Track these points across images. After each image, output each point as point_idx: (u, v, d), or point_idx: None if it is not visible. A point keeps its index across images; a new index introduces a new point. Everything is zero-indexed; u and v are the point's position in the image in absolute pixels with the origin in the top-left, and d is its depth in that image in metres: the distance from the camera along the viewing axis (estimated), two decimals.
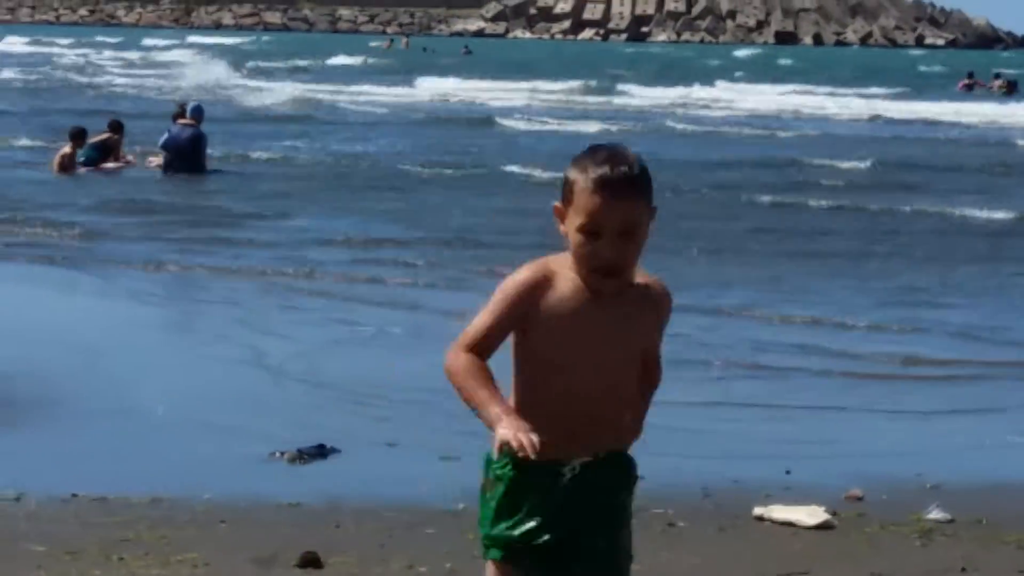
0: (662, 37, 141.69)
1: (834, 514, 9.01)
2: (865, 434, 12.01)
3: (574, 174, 4.19)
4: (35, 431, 11.19)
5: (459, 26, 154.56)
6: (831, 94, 69.29)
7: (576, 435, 4.24)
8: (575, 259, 4.22)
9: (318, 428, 10.69)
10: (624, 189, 4.15)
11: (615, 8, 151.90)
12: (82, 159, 28.22)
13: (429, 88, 68.88)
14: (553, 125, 48.50)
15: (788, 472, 9.98)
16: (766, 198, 28.17)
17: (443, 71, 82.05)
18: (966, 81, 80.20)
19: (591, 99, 68.55)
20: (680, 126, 49.47)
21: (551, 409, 4.26)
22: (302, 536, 8.36)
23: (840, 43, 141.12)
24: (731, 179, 32.45)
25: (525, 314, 4.24)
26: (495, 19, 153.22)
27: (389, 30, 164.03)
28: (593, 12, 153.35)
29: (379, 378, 13.29)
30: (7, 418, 11.30)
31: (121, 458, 10.56)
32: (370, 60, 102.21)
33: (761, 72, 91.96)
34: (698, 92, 71.37)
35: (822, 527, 8.78)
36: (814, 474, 10.09)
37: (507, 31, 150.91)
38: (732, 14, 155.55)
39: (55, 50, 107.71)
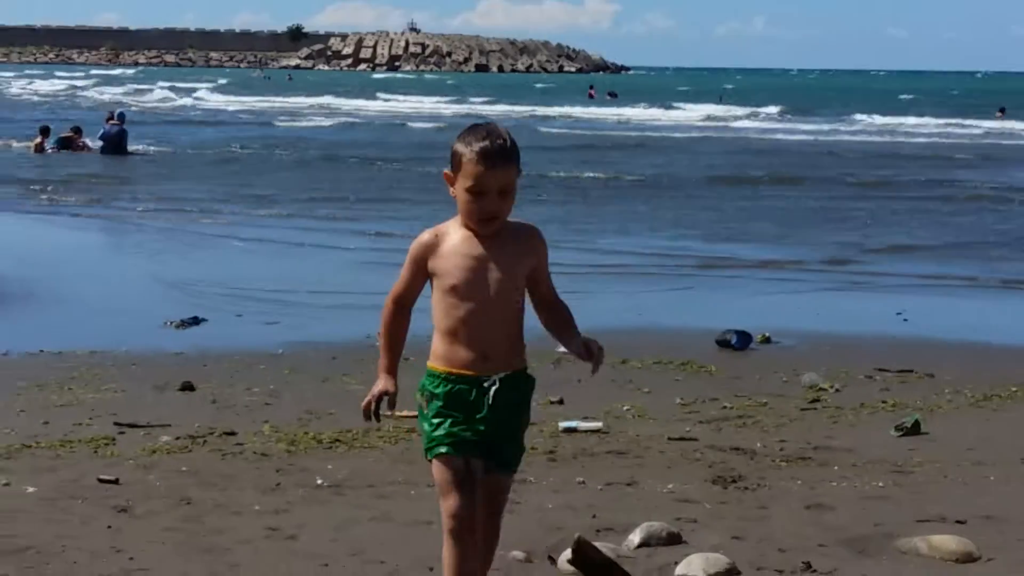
0: (408, 67, 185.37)
1: None
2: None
3: (460, 148, 4.81)
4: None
5: (284, 62, 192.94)
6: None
7: (488, 356, 4.82)
8: (463, 213, 4.84)
9: (194, 308, 13.46)
10: (501, 158, 4.77)
11: (379, 50, 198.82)
12: (53, 145, 35.52)
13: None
14: None
15: None
16: None
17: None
18: (591, 92, 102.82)
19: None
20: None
21: (465, 333, 4.83)
22: (183, 372, 10.70)
23: (515, 71, 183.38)
24: None
25: (427, 264, 4.88)
26: (306, 58, 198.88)
27: (242, 65, 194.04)
28: (364, 52, 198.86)
29: (234, 278, 16.19)
30: None
31: (71, 326, 12.91)
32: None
33: (458, 91, 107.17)
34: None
35: None
36: None
37: (313, 65, 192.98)
38: (449, 53, 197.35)
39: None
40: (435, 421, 4.83)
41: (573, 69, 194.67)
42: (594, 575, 6.28)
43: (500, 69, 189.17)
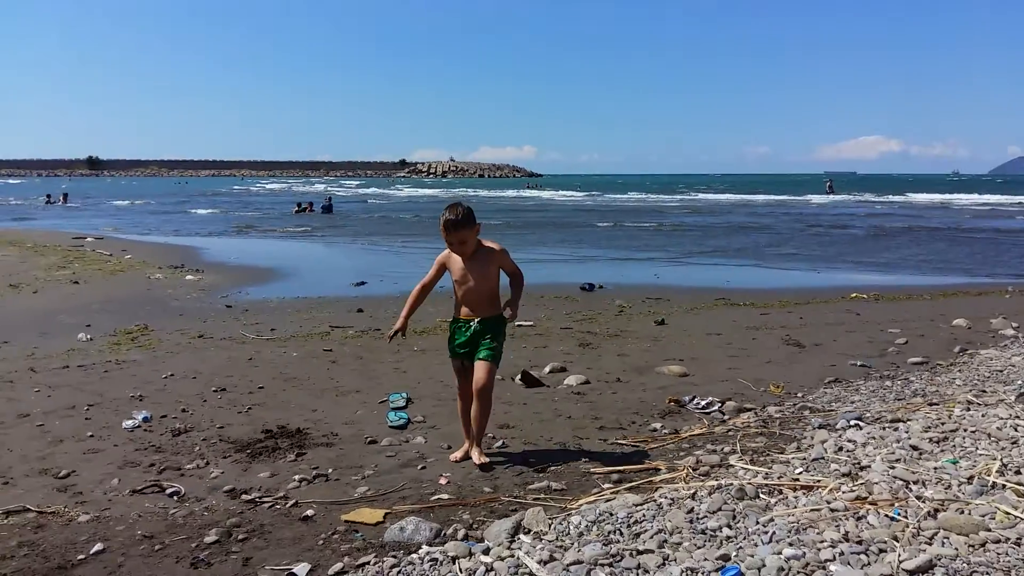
0: (451, 176, 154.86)
1: None
2: None
3: (440, 220, 4.22)
4: None
5: (395, 175, 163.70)
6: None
7: (473, 310, 4.28)
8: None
9: (362, 277, 13.34)
10: (454, 227, 4.15)
11: (439, 169, 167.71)
12: (301, 210, 34.00)
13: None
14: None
15: None
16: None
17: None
18: (528, 185, 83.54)
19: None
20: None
21: (463, 299, 4.28)
22: (357, 303, 10.37)
23: (495, 177, 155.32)
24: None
25: (444, 266, 4.34)
26: (406, 173, 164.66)
27: (379, 175, 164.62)
28: (432, 169, 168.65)
29: (378, 265, 16.19)
30: None
31: (309, 286, 12.24)
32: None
33: (473, 184, 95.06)
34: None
35: None
36: None
37: (409, 176, 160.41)
38: (466, 170, 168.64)
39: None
40: (450, 340, 4.40)
41: (519, 175, 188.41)
42: (530, 384, 6.31)
43: (488, 176, 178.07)
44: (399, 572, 3.06)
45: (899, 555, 2.76)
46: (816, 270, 15.31)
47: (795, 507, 3.30)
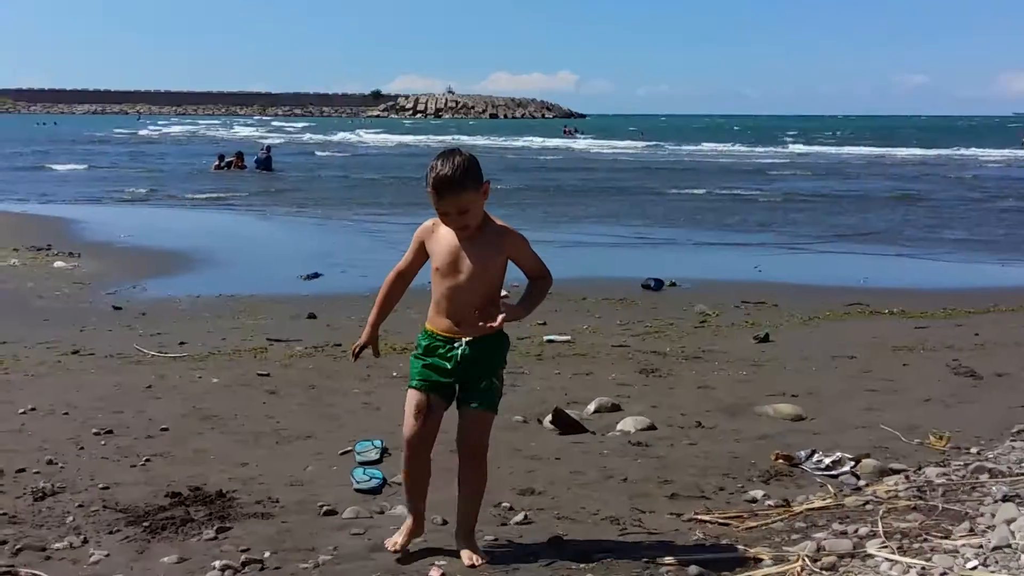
0: (447, 116, 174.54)
1: None
2: None
3: (426, 177, 4.02)
4: None
5: (369, 113, 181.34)
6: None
7: (460, 322, 4.12)
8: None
9: (315, 267, 13.45)
10: (450, 190, 3.95)
11: (429, 105, 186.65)
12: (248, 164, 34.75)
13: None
14: None
15: None
16: None
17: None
18: (565, 130, 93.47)
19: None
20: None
21: (445, 303, 4.14)
22: (309, 306, 10.64)
23: (514, 118, 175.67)
24: None
25: (423, 246, 4.19)
26: (383, 110, 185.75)
27: (343, 115, 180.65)
28: (419, 106, 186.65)
29: (338, 248, 16.78)
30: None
31: (238, 279, 12.64)
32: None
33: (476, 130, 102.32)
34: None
35: None
36: None
37: (387, 115, 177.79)
38: (472, 107, 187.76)
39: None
40: (419, 362, 4.31)
41: (551, 116, 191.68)
42: (566, 431, 6.34)
43: (504, 116, 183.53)
44: None
45: None
46: (1001, 263, 15.25)
47: None
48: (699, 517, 4.84)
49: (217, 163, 35.55)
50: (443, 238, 4.13)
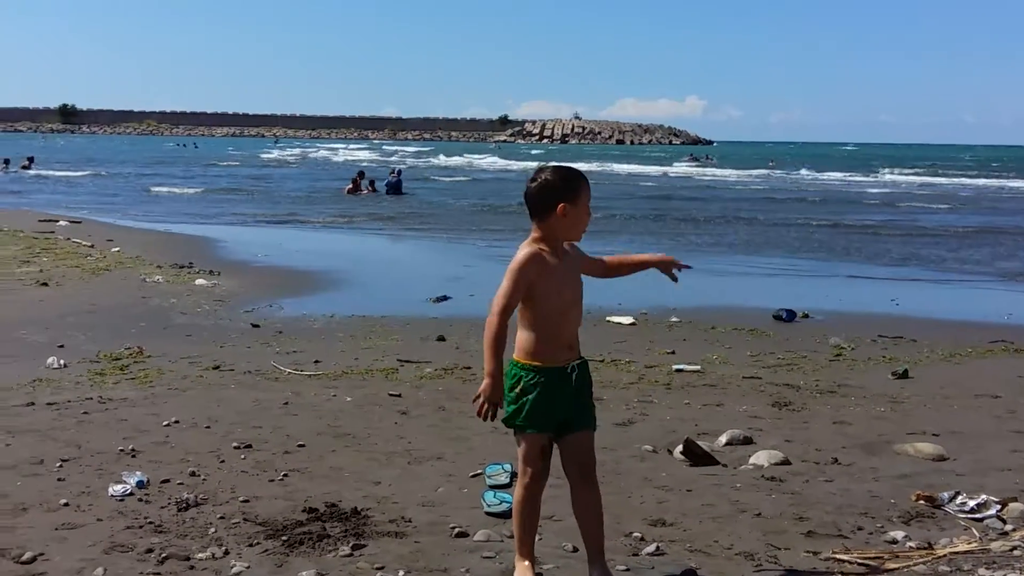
0: (573, 142, 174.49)
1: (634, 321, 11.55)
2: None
3: (578, 182, 4.16)
4: None
5: (497, 138, 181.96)
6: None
7: (571, 346, 4.16)
8: (579, 230, 4.19)
9: (445, 289, 13.43)
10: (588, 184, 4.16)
11: (556, 131, 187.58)
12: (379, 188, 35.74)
13: None
14: None
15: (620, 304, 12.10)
16: None
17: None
18: (690, 156, 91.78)
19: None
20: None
21: (556, 331, 4.11)
22: (438, 329, 10.70)
23: (640, 143, 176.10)
24: None
25: (533, 277, 4.09)
26: (510, 135, 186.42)
27: (471, 140, 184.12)
28: (546, 132, 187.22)
29: (467, 272, 16.84)
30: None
31: (371, 300, 12.82)
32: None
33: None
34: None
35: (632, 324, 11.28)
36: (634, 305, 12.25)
37: (515, 140, 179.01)
38: (599, 132, 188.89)
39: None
40: (533, 405, 4.20)
41: (678, 142, 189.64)
42: (697, 462, 6.27)
43: (631, 142, 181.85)
44: None
45: None
46: None
47: None
48: (837, 556, 4.74)
49: (350, 186, 36.20)
50: (552, 266, 4.13)
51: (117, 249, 17.26)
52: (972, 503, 5.44)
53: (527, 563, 4.31)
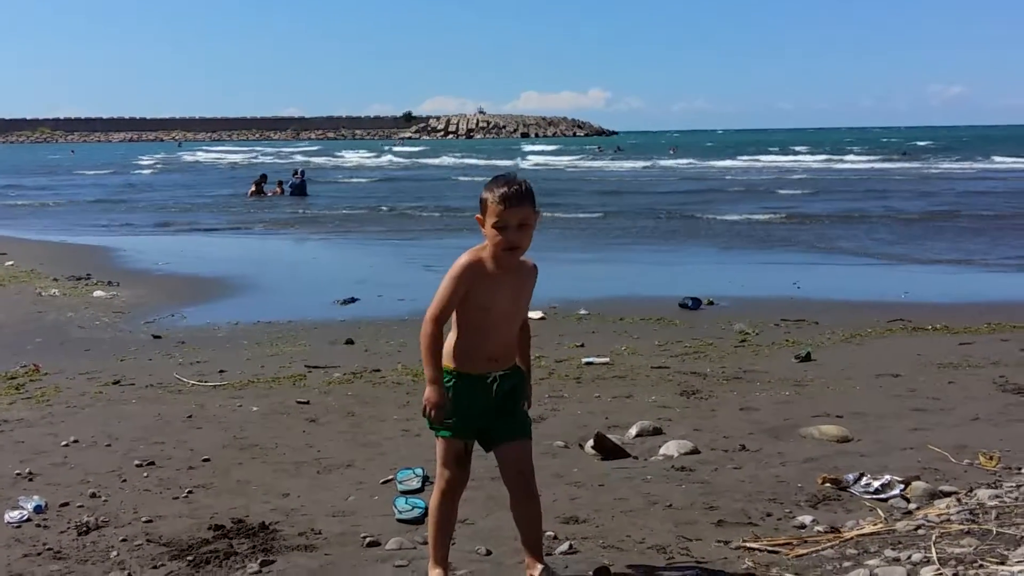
0: (478, 136, 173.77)
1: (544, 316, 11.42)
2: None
3: (486, 195, 4.00)
4: None
5: (401, 135, 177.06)
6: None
7: (501, 356, 4.13)
8: (492, 245, 4.01)
9: (352, 291, 13.18)
10: (519, 199, 3.96)
11: (460, 126, 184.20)
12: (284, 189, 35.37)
13: None
14: None
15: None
16: None
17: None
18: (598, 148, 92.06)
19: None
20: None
21: (480, 340, 4.08)
22: (346, 332, 10.55)
23: (545, 136, 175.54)
24: None
25: (468, 286, 4.04)
26: (415, 132, 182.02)
27: (375, 138, 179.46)
28: (451, 127, 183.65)
29: (374, 272, 16.57)
30: None
31: (275, 305, 12.49)
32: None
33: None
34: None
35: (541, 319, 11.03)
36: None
37: (419, 137, 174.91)
38: (504, 127, 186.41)
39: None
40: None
41: (582, 133, 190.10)
42: (608, 456, 6.28)
43: (536, 135, 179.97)
44: None
45: None
46: None
47: None
48: (747, 545, 4.77)
49: (253, 188, 35.53)
50: (491, 276, 4.07)
51: (11, 263, 16.73)
52: (876, 484, 5.53)
53: (439, 570, 4.28)
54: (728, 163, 62.49)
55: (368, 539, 4.90)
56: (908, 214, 25.63)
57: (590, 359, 9.16)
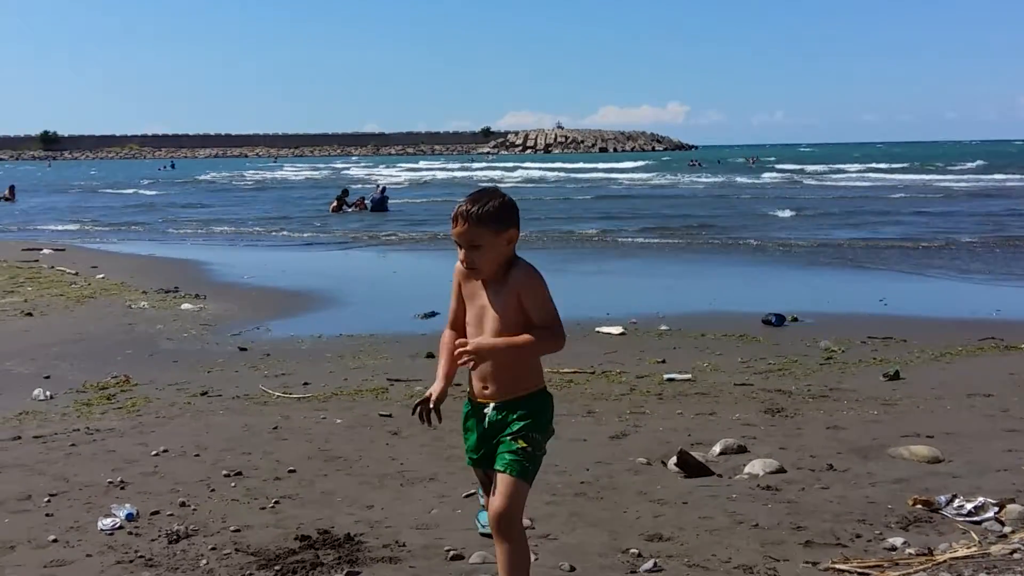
0: (556, 151, 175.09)
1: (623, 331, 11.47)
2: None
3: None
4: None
5: (480, 150, 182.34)
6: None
7: (488, 383, 3.86)
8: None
9: (432, 305, 12.94)
10: (461, 219, 3.73)
11: (539, 141, 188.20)
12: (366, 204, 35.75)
13: None
14: None
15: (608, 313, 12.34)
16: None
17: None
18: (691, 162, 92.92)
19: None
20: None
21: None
22: (427, 345, 10.34)
23: (623, 151, 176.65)
24: None
25: (460, 289, 3.96)
26: (493, 147, 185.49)
27: (454, 153, 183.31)
28: (529, 142, 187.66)
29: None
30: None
31: (358, 319, 12.64)
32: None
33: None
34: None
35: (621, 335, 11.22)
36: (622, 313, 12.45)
37: (498, 152, 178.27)
38: (582, 141, 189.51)
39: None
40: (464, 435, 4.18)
41: (661, 148, 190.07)
42: (691, 474, 6.23)
43: (614, 150, 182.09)
44: None
45: None
46: None
47: None
48: (837, 566, 4.70)
49: (335, 203, 35.93)
50: (469, 285, 3.92)
51: (102, 276, 17.16)
52: (969, 506, 5.41)
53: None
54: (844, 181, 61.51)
55: (452, 552, 4.92)
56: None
57: (672, 375, 9.10)
